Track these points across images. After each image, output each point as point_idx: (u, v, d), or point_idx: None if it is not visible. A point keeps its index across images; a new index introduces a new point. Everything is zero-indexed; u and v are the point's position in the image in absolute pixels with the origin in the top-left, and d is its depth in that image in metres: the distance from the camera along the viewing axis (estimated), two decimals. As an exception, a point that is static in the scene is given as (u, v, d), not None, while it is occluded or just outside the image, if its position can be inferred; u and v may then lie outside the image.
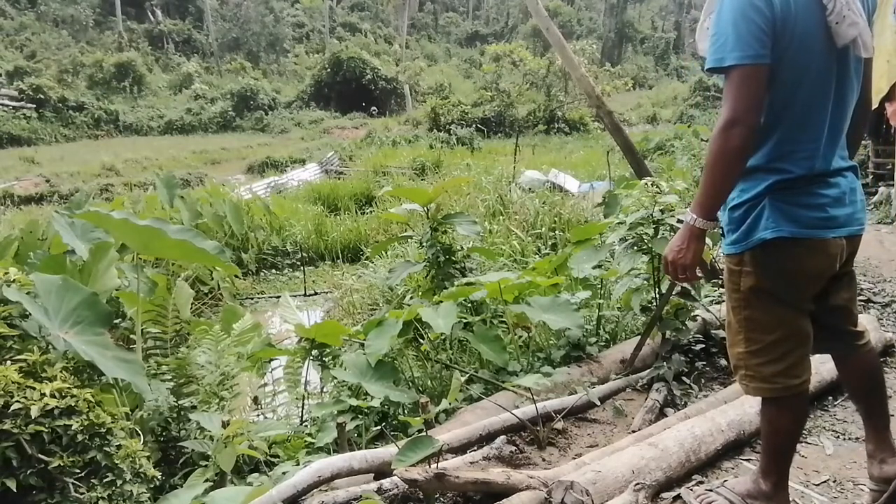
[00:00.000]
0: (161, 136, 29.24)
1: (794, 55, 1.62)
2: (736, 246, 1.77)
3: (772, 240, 1.70)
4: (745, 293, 1.79)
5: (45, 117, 27.40)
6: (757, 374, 1.84)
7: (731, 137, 1.59)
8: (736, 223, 1.76)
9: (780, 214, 1.69)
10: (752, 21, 1.56)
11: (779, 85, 1.64)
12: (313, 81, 34.39)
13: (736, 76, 1.59)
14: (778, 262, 1.74)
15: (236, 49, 41.38)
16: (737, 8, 1.58)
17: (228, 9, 42.88)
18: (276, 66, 41.47)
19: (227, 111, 31.39)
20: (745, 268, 1.77)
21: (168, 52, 40.93)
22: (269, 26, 42.08)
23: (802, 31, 1.61)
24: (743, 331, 1.83)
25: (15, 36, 36.18)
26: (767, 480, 1.96)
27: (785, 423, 1.90)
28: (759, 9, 1.56)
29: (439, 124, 25.41)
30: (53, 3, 38.92)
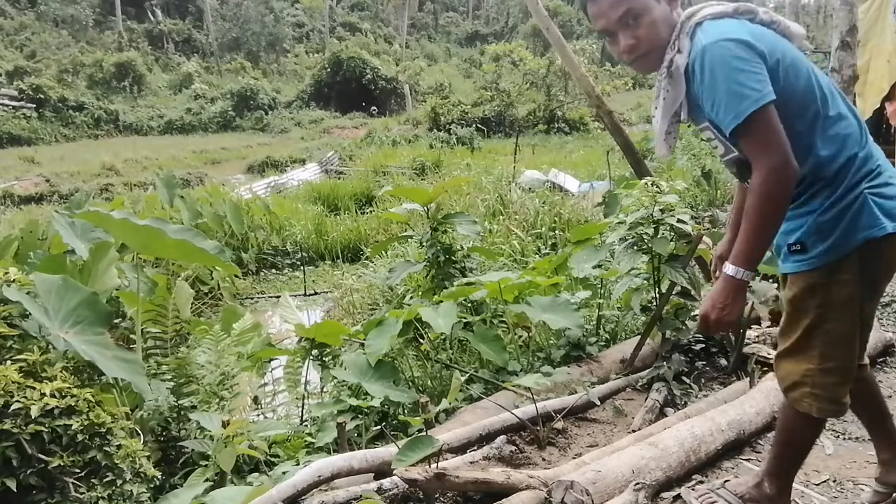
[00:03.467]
0: (161, 135, 29.24)
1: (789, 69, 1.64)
2: (829, 254, 1.64)
3: (880, 237, 1.61)
4: (834, 305, 1.67)
5: (45, 117, 27.40)
6: (826, 393, 1.72)
7: (784, 181, 1.56)
8: (827, 229, 1.64)
9: (879, 209, 1.62)
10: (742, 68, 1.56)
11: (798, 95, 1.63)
12: (313, 81, 34.40)
13: (757, 123, 1.56)
14: (877, 262, 1.66)
15: (236, 49, 41.39)
16: (723, 65, 1.58)
17: (228, 8, 42.88)
18: (276, 65, 41.48)
19: (227, 111, 31.39)
20: (842, 276, 1.65)
21: (168, 51, 40.95)
22: (269, 26, 42.08)
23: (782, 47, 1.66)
24: (819, 346, 1.70)
25: (15, 36, 36.20)
26: (773, 484, 1.93)
27: (809, 437, 1.87)
28: (741, 56, 1.56)
29: (439, 124, 25.40)
30: (53, 3, 38.92)
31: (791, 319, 1.76)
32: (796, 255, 1.70)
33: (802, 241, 1.68)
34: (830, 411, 1.76)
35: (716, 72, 1.58)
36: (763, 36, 1.63)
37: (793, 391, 1.78)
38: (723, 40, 1.58)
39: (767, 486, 1.94)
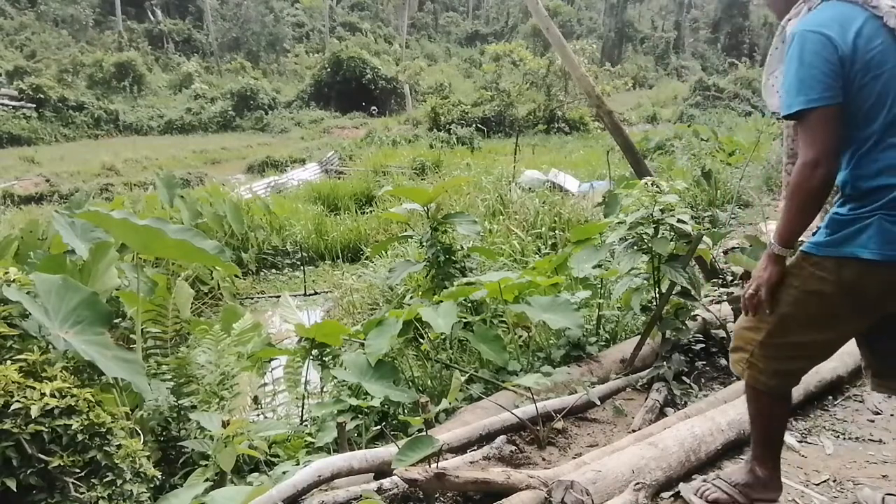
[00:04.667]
0: (161, 135, 29.23)
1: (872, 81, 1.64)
2: (823, 248, 1.73)
3: (866, 259, 1.66)
4: (803, 294, 1.77)
5: (45, 117, 27.38)
6: (759, 365, 1.88)
7: (813, 177, 1.65)
8: (835, 226, 1.72)
9: (883, 236, 1.65)
10: (814, 66, 1.63)
11: (869, 109, 1.66)
12: (313, 81, 34.38)
13: (807, 120, 1.65)
14: (860, 280, 1.70)
15: (236, 49, 41.36)
16: (799, 56, 1.66)
17: (228, 8, 42.86)
18: (276, 65, 41.46)
19: (227, 111, 31.38)
20: (821, 272, 1.73)
21: (168, 51, 40.92)
22: (269, 26, 42.06)
23: (881, 58, 1.64)
24: (770, 323, 1.83)
25: (15, 36, 36.17)
26: (762, 467, 2.03)
27: (764, 411, 1.98)
28: (819, 53, 1.63)
29: (439, 124, 25.38)
30: (53, 3, 38.89)
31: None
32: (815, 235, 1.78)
33: (819, 227, 1.77)
34: (759, 381, 1.91)
35: (793, 57, 1.67)
36: (865, 38, 1.63)
37: (734, 353, 1.96)
38: (812, 31, 1.65)
39: (759, 470, 2.03)
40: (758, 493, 2.04)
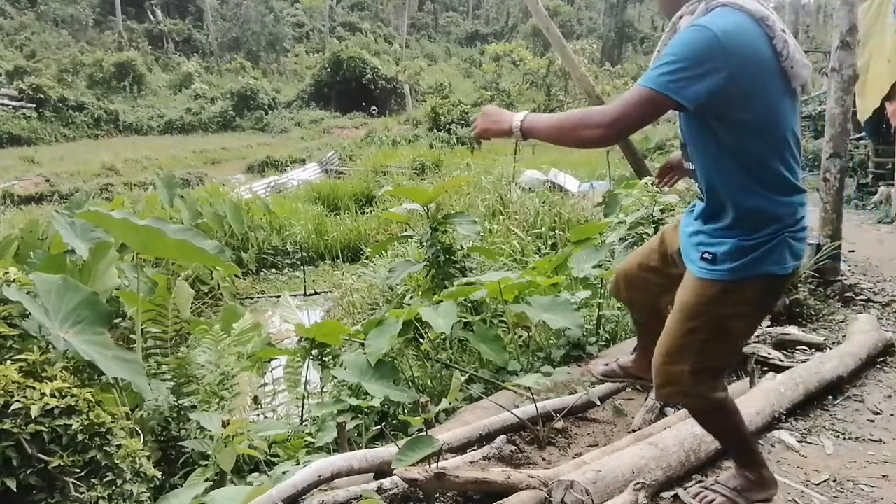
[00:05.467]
0: (161, 135, 29.25)
1: (763, 103, 1.64)
2: (738, 273, 1.73)
3: (779, 275, 1.73)
4: (719, 318, 1.79)
5: (45, 117, 27.41)
6: (693, 391, 1.88)
7: (590, 133, 1.65)
8: (743, 249, 1.71)
9: (788, 251, 1.72)
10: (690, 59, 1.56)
11: (758, 132, 1.66)
12: (313, 81, 34.40)
13: (640, 93, 1.61)
14: (770, 294, 1.81)
15: (236, 49, 41.38)
16: (685, 45, 1.59)
17: (228, 8, 42.88)
18: (276, 65, 41.47)
19: (227, 111, 31.40)
20: (735, 297, 1.76)
21: (168, 51, 40.94)
22: (269, 26, 42.08)
23: (765, 79, 1.63)
24: (695, 352, 1.83)
25: (15, 35, 36.18)
26: (751, 471, 2.05)
27: (731, 417, 1.98)
28: (704, 50, 1.56)
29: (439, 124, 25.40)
30: (53, 3, 38.91)
31: (678, 321, 1.85)
32: (705, 263, 1.78)
33: (714, 254, 1.76)
34: (705, 403, 1.90)
35: (682, 42, 1.60)
36: (750, 63, 1.60)
37: (662, 388, 1.92)
38: (710, 28, 1.57)
39: (749, 474, 2.05)
40: (756, 494, 2.05)
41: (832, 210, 4.59)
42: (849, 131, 4.75)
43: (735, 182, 1.70)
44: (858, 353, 3.28)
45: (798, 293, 4.22)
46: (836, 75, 4.47)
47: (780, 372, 3.14)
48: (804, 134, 11.25)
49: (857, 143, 9.81)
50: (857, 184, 9.35)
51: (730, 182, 1.71)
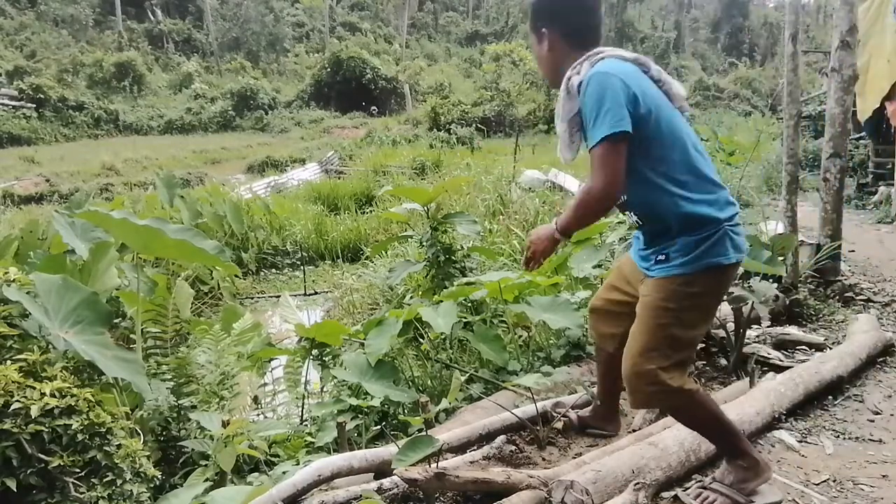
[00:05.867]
0: (161, 135, 29.24)
1: (663, 117, 1.94)
2: (690, 266, 1.94)
3: (726, 265, 1.95)
4: (681, 310, 1.96)
5: (45, 117, 27.39)
6: (675, 383, 1.97)
7: (598, 203, 1.93)
8: (689, 247, 1.94)
9: (730, 244, 1.96)
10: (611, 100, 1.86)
11: (668, 145, 1.94)
12: (313, 81, 34.39)
13: (602, 146, 1.86)
14: (721, 283, 2.02)
15: (236, 48, 41.37)
16: (600, 92, 1.87)
17: (228, 8, 42.87)
18: (276, 65, 41.46)
19: (227, 111, 31.38)
20: (692, 288, 1.95)
21: (168, 51, 40.92)
22: (269, 26, 42.06)
23: (659, 102, 1.95)
24: (662, 348, 1.97)
25: (15, 35, 36.16)
26: (742, 460, 2.09)
27: (707, 411, 2.07)
28: (615, 89, 1.86)
29: (439, 124, 25.41)
30: (53, 3, 38.89)
31: (645, 323, 2.02)
32: (661, 264, 2.01)
33: (666, 254, 1.99)
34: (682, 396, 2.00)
35: (593, 94, 1.88)
36: (644, 87, 1.94)
37: (638, 393, 2.03)
38: (607, 73, 1.88)
39: (742, 462, 2.08)
40: (753, 481, 2.07)
41: (832, 210, 4.59)
42: (849, 131, 4.75)
43: (665, 194, 1.94)
44: (858, 353, 3.28)
45: (798, 293, 4.22)
46: (836, 75, 4.47)
47: (780, 372, 3.14)
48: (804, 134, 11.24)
49: (857, 143, 9.81)
50: (857, 184, 9.35)
51: (661, 196, 1.94)
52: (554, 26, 2.07)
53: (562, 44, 2.06)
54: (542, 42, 2.10)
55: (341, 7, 52.25)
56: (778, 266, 3.44)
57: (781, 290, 4.08)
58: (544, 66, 2.14)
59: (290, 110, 32.90)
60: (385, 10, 52.79)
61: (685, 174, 1.94)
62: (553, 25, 2.07)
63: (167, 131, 29.96)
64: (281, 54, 42.55)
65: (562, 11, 2.06)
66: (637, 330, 2.03)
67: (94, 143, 26.57)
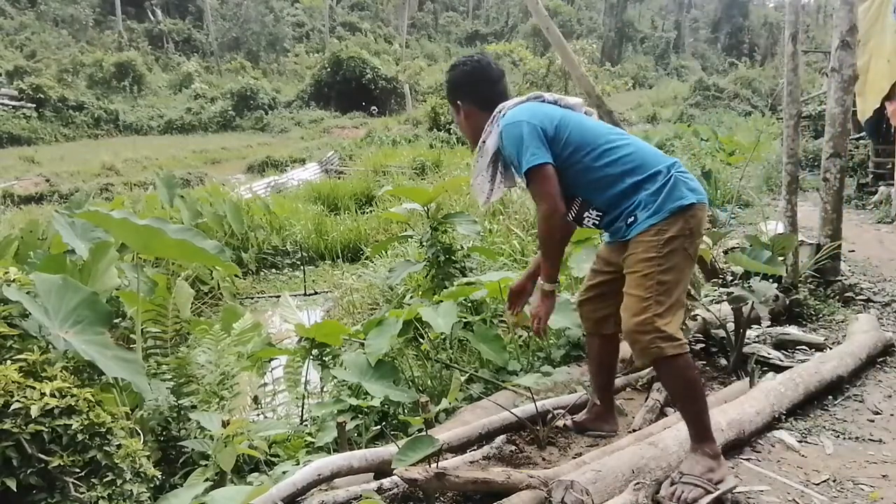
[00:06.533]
0: (161, 135, 29.23)
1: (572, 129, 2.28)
2: (657, 215, 2.15)
3: (688, 205, 2.16)
4: (664, 255, 2.14)
5: (45, 117, 27.38)
6: (665, 334, 2.10)
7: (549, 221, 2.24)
8: (651, 199, 2.17)
9: (685, 187, 2.19)
10: (524, 141, 2.22)
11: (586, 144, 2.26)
12: (313, 81, 34.37)
13: (532, 177, 2.22)
14: (690, 223, 2.18)
15: (236, 48, 41.37)
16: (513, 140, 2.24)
17: (228, 8, 42.87)
18: (275, 65, 41.46)
19: (227, 111, 31.37)
20: (666, 234, 2.14)
21: (168, 51, 40.93)
22: (269, 26, 42.06)
23: (562, 115, 2.31)
24: (653, 294, 2.12)
25: (15, 35, 36.15)
26: (708, 443, 2.15)
27: (694, 374, 2.20)
28: (523, 132, 2.22)
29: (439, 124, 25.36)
30: (53, 3, 38.89)
31: (635, 280, 2.18)
32: (632, 226, 2.21)
33: (633, 214, 2.21)
34: (674, 346, 2.11)
35: (510, 143, 2.26)
36: (545, 113, 2.29)
37: (639, 342, 2.15)
38: (511, 123, 2.26)
39: (707, 448, 2.14)
40: (718, 471, 2.12)
41: (832, 210, 4.59)
42: (849, 131, 4.75)
43: (611, 176, 2.22)
44: (858, 353, 3.28)
45: (798, 293, 4.22)
46: (836, 75, 4.47)
47: (780, 372, 3.14)
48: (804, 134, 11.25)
49: (857, 143, 9.81)
50: (857, 184, 9.34)
51: (609, 179, 2.23)
52: (465, 99, 2.44)
53: (475, 110, 2.43)
54: (459, 113, 2.48)
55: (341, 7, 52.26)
56: (778, 266, 3.44)
57: (781, 290, 4.08)
58: (465, 131, 2.52)
59: (290, 110, 32.89)
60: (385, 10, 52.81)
61: (613, 156, 2.23)
62: (465, 98, 2.44)
63: (167, 131, 29.95)
64: (281, 54, 42.55)
65: (470, 86, 2.44)
66: (629, 288, 2.20)
67: (94, 143, 26.56)
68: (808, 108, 12.11)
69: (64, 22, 38.91)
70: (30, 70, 30.18)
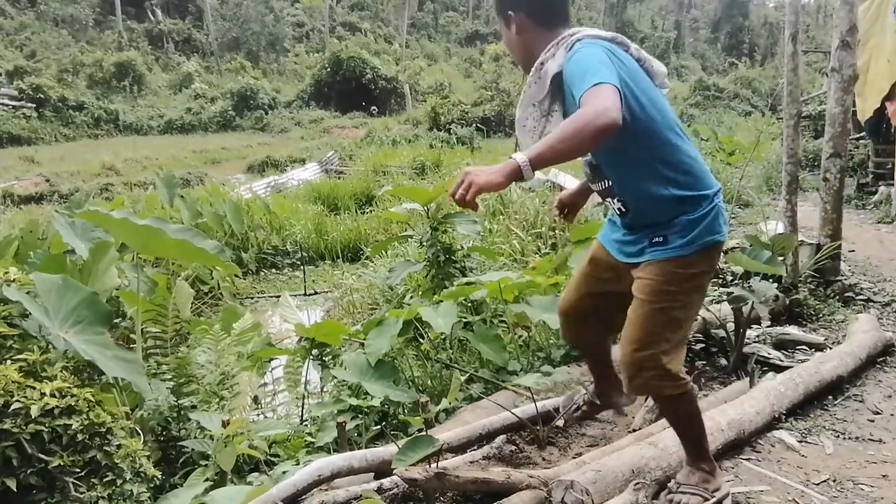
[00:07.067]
0: (161, 135, 29.22)
1: (643, 99, 1.85)
2: (690, 247, 1.89)
3: (720, 241, 1.95)
4: (682, 293, 1.93)
5: (45, 117, 27.37)
6: (668, 372, 1.93)
7: (597, 120, 1.57)
8: (690, 226, 1.89)
9: (721, 220, 1.96)
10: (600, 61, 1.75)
11: (656, 125, 1.86)
12: (313, 81, 34.37)
13: (597, 89, 1.64)
14: (715, 259, 2.02)
15: (236, 48, 41.36)
16: (587, 58, 1.77)
17: (228, 8, 42.85)
18: (275, 65, 41.45)
19: (227, 111, 31.36)
20: (693, 269, 1.92)
21: (168, 51, 40.92)
22: (269, 26, 42.05)
23: (641, 78, 1.90)
24: (664, 330, 1.92)
25: (15, 35, 36.15)
26: (706, 462, 2.11)
27: (695, 407, 2.07)
28: (603, 54, 1.79)
29: (439, 124, 25.37)
30: (53, 3, 38.89)
31: (644, 307, 1.94)
32: (657, 247, 1.93)
33: (664, 235, 1.92)
34: (675, 386, 1.96)
35: (580, 61, 1.77)
36: (628, 63, 1.88)
37: (636, 378, 1.97)
38: (593, 43, 1.83)
39: (704, 465, 2.10)
40: (714, 483, 2.10)
41: (832, 210, 4.59)
42: (849, 131, 4.75)
43: (656, 175, 1.88)
44: (858, 353, 3.28)
45: (798, 293, 4.22)
46: (836, 75, 4.47)
47: (780, 372, 3.14)
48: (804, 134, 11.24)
49: (857, 143, 9.80)
50: (857, 184, 9.34)
51: (652, 178, 1.88)
52: (520, 8, 2.00)
53: (530, 25, 1.99)
54: (510, 26, 2.03)
55: (341, 7, 52.25)
56: (778, 266, 3.44)
57: (781, 290, 4.08)
58: (516, 50, 2.06)
59: (290, 110, 32.89)
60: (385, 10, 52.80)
61: (673, 154, 1.89)
62: (519, 7, 2.00)
63: (167, 131, 29.94)
64: (281, 54, 42.54)
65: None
66: (637, 315, 1.95)
67: (94, 143, 26.55)
68: (808, 108, 12.10)
69: (64, 22, 38.91)
70: (30, 70, 30.17)
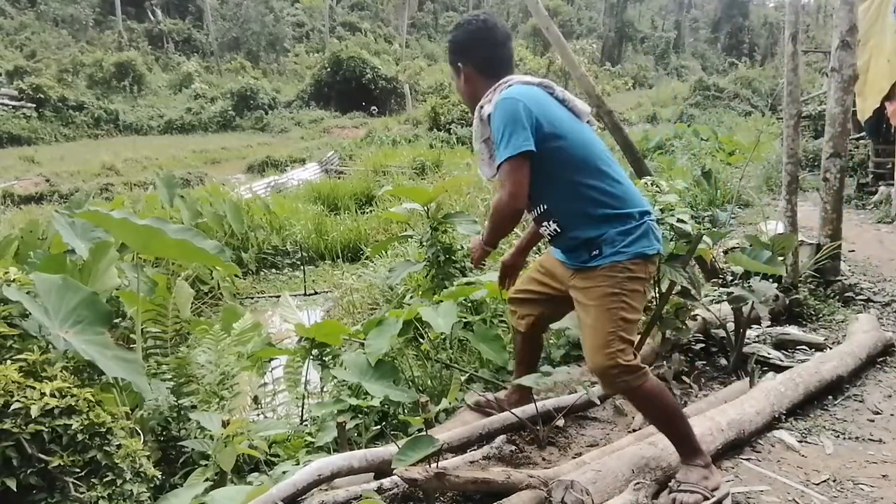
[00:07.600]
0: (161, 135, 29.23)
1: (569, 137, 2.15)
2: (623, 254, 2.13)
3: (653, 254, 2.19)
4: (628, 293, 2.14)
5: (45, 117, 27.38)
6: (628, 367, 2.11)
7: (504, 211, 2.15)
8: (620, 237, 2.14)
9: (653, 236, 2.20)
10: (515, 123, 2.07)
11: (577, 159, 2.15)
12: (313, 81, 34.38)
13: (507, 165, 2.07)
14: (651, 269, 2.24)
15: (236, 48, 41.37)
16: (505, 117, 2.09)
17: (228, 8, 42.86)
18: (275, 65, 41.46)
19: (227, 111, 31.37)
20: (630, 273, 2.14)
21: (168, 51, 40.93)
22: (269, 25, 42.06)
23: (562, 118, 2.18)
24: (616, 330, 2.11)
25: (15, 35, 36.15)
26: (698, 456, 2.17)
27: (664, 395, 2.18)
28: (518, 113, 2.07)
29: (439, 124, 25.37)
30: (53, 3, 38.89)
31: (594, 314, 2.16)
32: (596, 258, 2.16)
33: (599, 246, 2.16)
34: (637, 376, 2.13)
35: (500, 117, 2.10)
36: (548, 107, 2.16)
37: (605, 378, 2.15)
38: (511, 98, 2.10)
39: (699, 460, 2.16)
40: (712, 479, 2.14)
41: (832, 210, 4.59)
42: (849, 131, 4.75)
43: (584, 197, 2.14)
44: (858, 353, 3.29)
45: (798, 293, 4.22)
46: (836, 75, 4.47)
47: (780, 372, 3.14)
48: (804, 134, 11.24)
49: (857, 143, 9.80)
50: (857, 184, 9.34)
51: (581, 200, 2.15)
52: (467, 60, 2.31)
53: (475, 75, 2.30)
54: (459, 75, 2.34)
55: (341, 7, 52.26)
56: (778, 266, 3.44)
57: (781, 290, 4.09)
58: (464, 95, 2.39)
59: (290, 110, 32.90)
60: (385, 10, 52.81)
61: (599, 178, 2.15)
62: (467, 60, 2.31)
63: (167, 131, 29.95)
64: (281, 54, 42.55)
65: (473, 47, 2.30)
66: (591, 322, 2.16)
67: (94, 143, 26.55)
68: (808, 108, 12.10)
69: (64, 22, 38.91)
70: (30, 70, 30.18)
